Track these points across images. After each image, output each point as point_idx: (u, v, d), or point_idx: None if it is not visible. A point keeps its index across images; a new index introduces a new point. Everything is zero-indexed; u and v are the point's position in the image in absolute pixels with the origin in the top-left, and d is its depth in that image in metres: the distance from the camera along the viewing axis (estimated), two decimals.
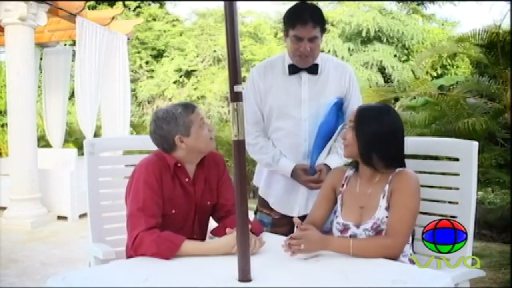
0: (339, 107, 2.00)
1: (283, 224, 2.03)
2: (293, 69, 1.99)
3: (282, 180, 2.05)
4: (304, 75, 1.99)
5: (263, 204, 2.12)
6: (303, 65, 1.97)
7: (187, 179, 1.70)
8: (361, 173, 1.63)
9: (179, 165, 1.68)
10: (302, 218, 2.01)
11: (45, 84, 6.62)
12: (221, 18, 12.57)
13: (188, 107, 1.68)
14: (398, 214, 1.48)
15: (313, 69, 1.99)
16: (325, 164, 1.96)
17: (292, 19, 1.92)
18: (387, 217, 1.52)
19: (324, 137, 1.96)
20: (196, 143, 1.67)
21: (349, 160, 2.03)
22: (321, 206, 1.70)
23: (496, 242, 4.10)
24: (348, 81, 2.02)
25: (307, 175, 1.96)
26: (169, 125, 1.64)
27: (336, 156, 1.98)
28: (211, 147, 1.73)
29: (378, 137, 1.55)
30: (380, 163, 1.57)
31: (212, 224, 1.82)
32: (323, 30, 1.94)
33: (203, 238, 1.76)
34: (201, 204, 1.74)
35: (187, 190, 1.70)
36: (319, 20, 1.90)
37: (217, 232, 1.72)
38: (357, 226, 1.56)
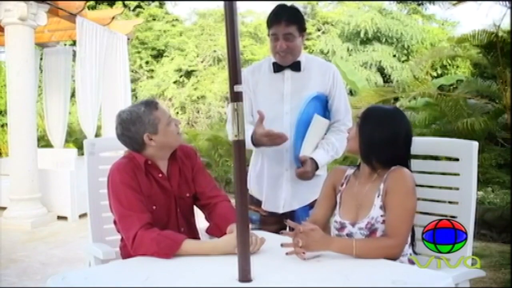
0: (321, 102, 2.05)
1: (272, 222, 2.05)
2: (277, 67, 2.07)
3: (267, 178, 2.08)
4: (287, 72, 2.07)
5: (251, 201, 2.13)
6: (283, 63, 2.05)
7: (160, 175, 1.71)
8: (361, 171, 1.64)
9: (149, 162, 1.69)
10: (288, 214, 2.03)
11: (45, 84, 6.62)
12: (221, 18, 12.58)
13: (151, 104, 1.69)
14: (396, 214, 1.48)
15: (296, 67, 2.06)
16: (311, 158, 1.99)
17: (269, 20, 2.03)
18: (381, 215, 1.52)
19: (303, 127, 2.00)
20: (165, 139, 1.68)
21: (336, 157, 2.06)
22: (323, 205, 1.71)
23: (496, 242, 4.10)
24: (332, 79, 2.07)
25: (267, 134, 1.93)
26: (135, 125, 1.65)
27: (322, 151, 2.02)
28: (179, 142, 1.75)
29: (377, 141, 1.55)
30: (378, 164, 1.58)
31: (200, 217, 1.84)
32: (302, 30, 2.02)
33: (191, 231, 1.76)
34: (180, 197, 1.75)
35: (163, 185, 1.71)
36: (293, 19, 1.99)
37: (212, 232, 1.72)
38: (353, 225, 1.56)
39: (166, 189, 1.72)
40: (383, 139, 1.55)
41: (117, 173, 1.64)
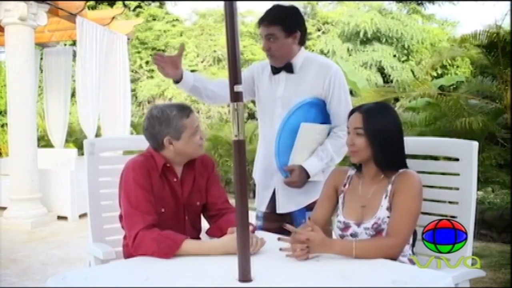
0: (318, 106, 1.98)
1: (275, 220, 2.05)
2: (274, 69, 2.05)
3: (262, 179, 2.12)
4: (282, 74, 2.04)
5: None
6: (273, 64, 2.04)
7: (175, 179, 1.71)
8: (364, 173, 1.64)
9: (168, 165, 1.69)
10: (285, 215, 2.04)
11: (45, 84, 6.62)
12: (221, 18, 12.59)
13: (184, 111, 1.67)
14: (400, 215, 1.49)
15: (289, 68, 2.03)
16: (301, 166, 1.95)
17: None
18: (388, 217, 1.52)
19: (290, 134, 1.95)
20: (185, 148, 1.67)
21: (331, 164, 2.01)
22: (323, 206, 1.71)
23: (496, 242, 4.10)
24: (329, 82, 1.96)
25: None
26: (161, 125, 1.65)
27: (315, 159, 1.97)
28: (199, 153, 1.73)
29: (387, 134, 1.56)
30: (389, 163, 1.57)
31: (206, 224, 1.83)
32: (290, 30, 1.96)
33: (197, 238, 1.76)
34: (189, 204, 1.74)
35: (175, 190, 1.71)
36: (276, 19, 1.95)
37: (212, 233, 1.72)
38: (358, 225, 1.56)
39: (177, 194, 1.71)
40: (391, 133, 1.57)
41: (132, 170, 1.64)
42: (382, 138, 1.55)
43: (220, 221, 1.74)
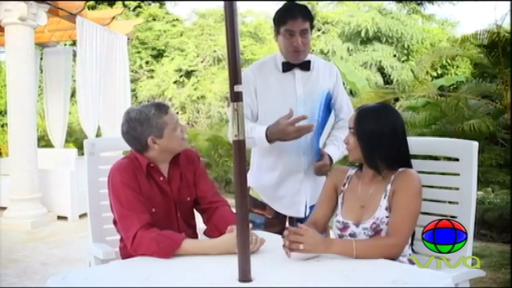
0: (326, 100, 2.04)
1: (276, 224, 2.05)
2: (287, 67, 2.03)
3: (286, 183, 2.05)
4: (298, 72, 2.04)
5: (255, 204, 2.09)
6: (297, 61, 2.02)
7: (161, 178, 1.71)
8: (364, 173, 1.64)
9: (151, 165, 1.69)
10: (283, 217, 2.05)
11: (45, 84, 6.62)
12: (221, 18, 12.58)
13: (161, 108, 1.69)
14: (400, 214, 1.48)
15: (306, 66, 2.04)
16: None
17: (283, 15, 1.98)
18: (387, 217, 1.52)
19: (320, 130, 1.99)
20: (169, 144, 1.68)
21: (345, 153, 2.04)
22: (324, 205, 1.71)
23: (496, 242, 4.10)
24: (335, 78, 2.11)
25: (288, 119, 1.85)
26: (142, 126, 1.65)
27: (334, 147, 2.03)
28: (183, 147, 1.75)
29: (378, 137, 1.54)
30: (383, 164, 1.57)
31: (200, 221, 1.84)
32: (312, 27, 2.01)
33: (192, 235, 1.76)
34: (180, 201, 1.74)
35: (163, 189, 1.71)
36: (308, 16, 1.97)
37: (210, 233, 1.72)
38: (357, 225, 1.56)
39: (166, 192, 1.71)
40: (382, 134, 1.54)
41: (118, 173, 1.64)
42: (371, 140, 1.55)
43: (215, 218, 1.74)
